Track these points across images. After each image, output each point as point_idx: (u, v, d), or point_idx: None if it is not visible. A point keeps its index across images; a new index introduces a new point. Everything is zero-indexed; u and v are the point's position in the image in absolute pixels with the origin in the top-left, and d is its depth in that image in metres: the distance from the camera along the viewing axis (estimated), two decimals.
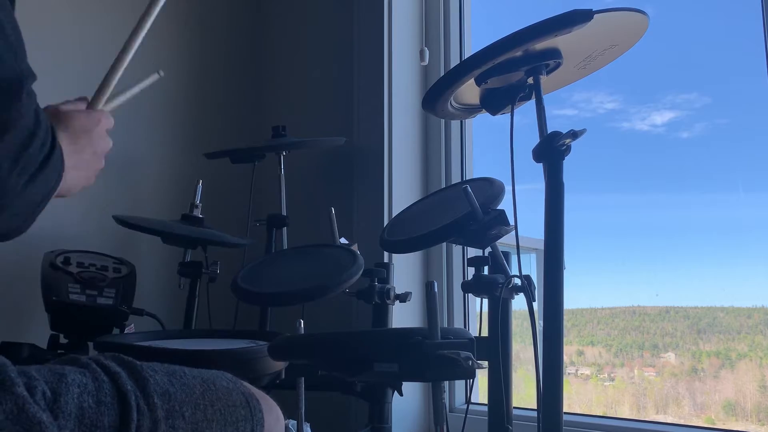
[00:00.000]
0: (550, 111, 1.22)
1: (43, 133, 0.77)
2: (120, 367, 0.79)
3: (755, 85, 1.78)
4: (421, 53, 2.19)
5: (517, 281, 1.28)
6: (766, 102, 1.77)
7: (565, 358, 1.14)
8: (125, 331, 1.79)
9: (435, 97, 1.28)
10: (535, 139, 1.18)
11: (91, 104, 1.01)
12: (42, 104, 0.81)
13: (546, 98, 1.23)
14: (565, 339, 1.12)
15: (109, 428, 0.73)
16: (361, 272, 1.43)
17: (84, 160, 0.91)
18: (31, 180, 0.76)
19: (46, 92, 0.89)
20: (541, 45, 1.17)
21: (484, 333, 1.35)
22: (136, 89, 1.13)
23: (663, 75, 2.01)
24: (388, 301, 1.68)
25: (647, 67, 1.97)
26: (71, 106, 0.96)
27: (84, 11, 2.21)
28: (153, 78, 1.16)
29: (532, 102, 1.24)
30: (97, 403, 0.73)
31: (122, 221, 1.81)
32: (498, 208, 1.27)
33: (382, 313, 1.69)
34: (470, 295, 2.06)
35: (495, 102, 1.31)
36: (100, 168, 0.96)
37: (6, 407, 0.66)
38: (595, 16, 1.08)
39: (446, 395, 1.64)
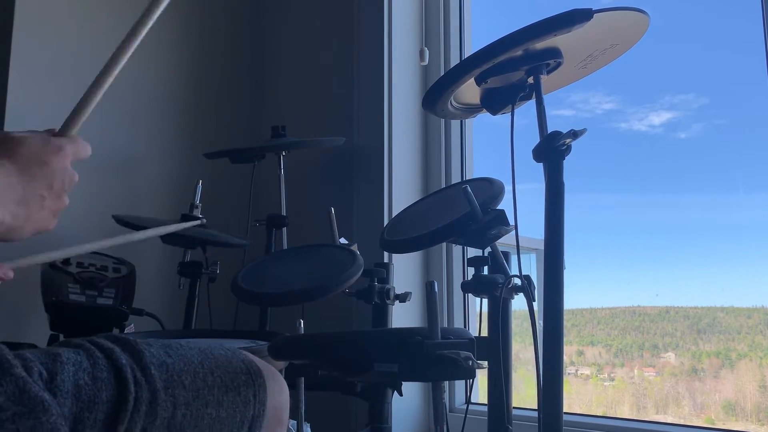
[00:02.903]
0: (547, 111, 1.22)
1: None
2: (113, 344, 0.79)
3: (754, 85, 1.78)
4: (421, 53, 2.19)
5: (517, 281, 1.28)
6: (765, 102, 1.77)
7: (565, 358, 1.14)
8: (125, 331, 1.79)
9: (435, 96, 1.28)
10: (535, 139, 1.18)
11: (61, 131, 0.83)
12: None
13: (544, 98, 1.23)
14: (565, 339, 1.11)
15: (107, 402, 0.73)
16: (360, 272, 1.43)
17: (35, 195, 0.75)
18: None
19: (45, 95, 0.89)
20: (541, 44, 1.16)
21: (484, 333, 1.35)
22: (171, 228, 1.04)
23: (660, 76, 2.01)
24: (387, 301, 1.68)
25: (645, 68, 1.98)
26: (28, 133, 0.78)
27: (84, 13, 2.21)
28: (194, 223, 1.08)
29: (532, 102, 1.24)
30: (93, 379, 0.73)
31: (122, 221, 1.81)
32: (498, 208, 1.27)
33: (381, 313, 1.69)
34: (470, 295, 2.06)
35: (495, 102, 1.31)
36: (59, 208, 0.79)
37: (7, 389, 0.66)
38: (595, 15, 1.08)
39: (446, 395, 1.64)
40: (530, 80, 1.24)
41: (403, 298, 1.70)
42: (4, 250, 0.79)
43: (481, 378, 1.87)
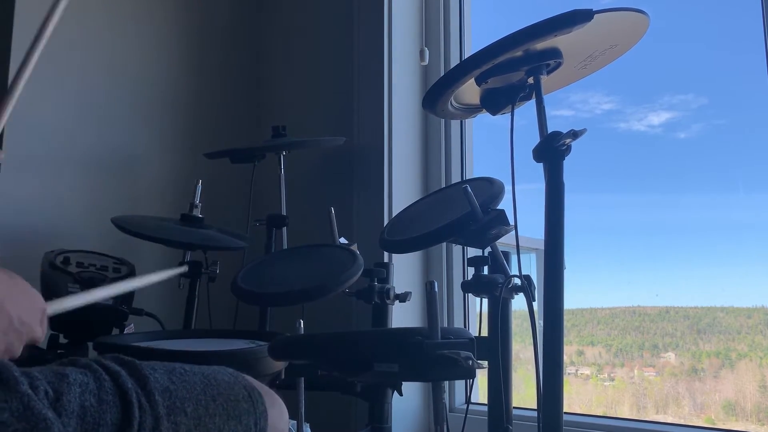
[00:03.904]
0: (547, 111, 1.22)
1: None
2: (120, 367, 0.79)
3: (754, 85, 1.78)
4: (421, 53, 2.19)
5: (517, 281, 1.28)
6: (765, 102, 1.77)
7: (565, 358, 1.14)
8: (125, 331, 1.79)
9: (435, 97, 1.28)
10: (535, 139, 1.18)
11: None
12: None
13: (544, 99, 1.23)
14: (565, 339, 1.12)
15: (112, 426, 0.73)
16: (360, 272, 1.43)
17: None
18: None
19: (45, 96, 0.89)
20: (541, 45, 1.17)
21: (484, 333, 1.35)
22: (156, 277, 1.04)
23: (659, 76, 2.01)
24: (387, 301, 1.68)
25: (644, 68, 1.98)
26: None
27: (84, 13, 2.21)
28: (179, 270, 1.08)
29: (531, 103, 1.24)
30: (98, 401, 0.74)
31: (121, 227, 1.81)
32: (498, 208, 1.27)
33: (381, 313, 1.69)
34: (470, 295, 2.06)
35: (495, 102, 1.31)
36: (26, 336, 0.78)
37: (12, 405, 0.66)
38: (596, 16, 1.08)
39: (446, 395, 1.64)
40: (530, 80, 1.24)
41: (403, 298, 1.70)
42: (6, 244, 0.79)
43: (481, 378, 1.87)
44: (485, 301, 1.35)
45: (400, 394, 1.48)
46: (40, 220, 2.00)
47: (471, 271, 1.34)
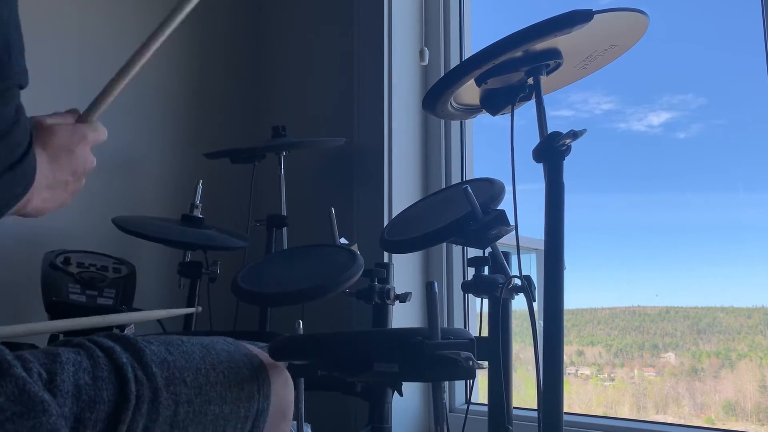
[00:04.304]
0: (546, 112, 1.22)
1: (21, 133, 0.68)
2: (113, 342, 0.79)
3: (753, 85, 1.78)
4: (421, 53, 2.19)
5: (517, 281, 1.28)
6: (764, 102, 1.77)
7: (565, 358, 1.14)
8: (125, 332, 1.79)
9: (435, 97, 1.28)
10: (535, 140, 1.18)
11: (83, 117, 0.88)
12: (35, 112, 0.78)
13: (544, 99, 1.23)
14: (565, 339, 1.12)
15: (109, 402, 0.73)
16: (361, 272, 1.43)
17: (61, 180, 0.81)
18: None
19: (45, 97, 0.90)
20: (541, 45, 1.17)
21: (484, 333, 1.35)
22: (164, 313, 1.06)
23: (659, 76, 2.01)
24: (388, 301, 1.68)
25: (643, 68, 1.98)
26: (58, 119, 0.84)
27: (86, 16, 2.21)
28: (189, 311, 1.10)
29: (531, 103, 1.24)
30: (93, 378, 0.73)
31: (121, 227, 1.81)
32: (498, 208, 1.27)
33: (382, 314, 1.69)
34: (470, 295, 2.05)
35: (495, 102, 1.31)
36: (78, 189, 0.85)
37: (7, 389, 0.66)
38: (595, 16, 1.08)
39: (446, 395, 1.64)
40: (530, 81, 1.24)
41: (403, 298, 1.70)
42: (7, 244, 0.81)
43: (481, 378, 1.87)
44: (485, 301, 1.35)
45: (400, 394, 1.48)
46: (40, 220, 1.99)
47: (471, 271, 1.34)
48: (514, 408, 1.34)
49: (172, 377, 0.78)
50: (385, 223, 1.97)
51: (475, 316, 2.15)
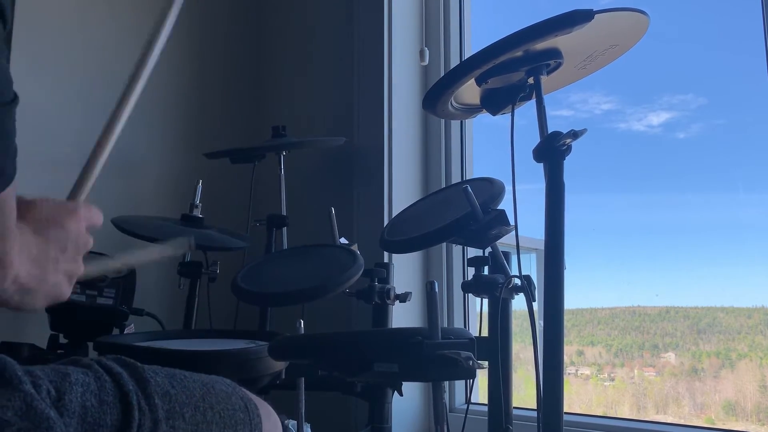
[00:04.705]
0: (546, 112, 1.22)
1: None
2: (122, 368, 0.80)
3: (753, 85, 1.78)
4: (421, 53, 2.19)
5: (517, 281, 1.28)
6: (764, 102, 1.77)
7: (565, 358, 1.14)
8: (125, 331, 1.79)
9: (435, 97, 1.28)
10: (535, 139, 1.18)
11: (70, 197, 0.83)
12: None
13: (544, 98, 1.23)
14: (565, 339, 1.12)
15: (112, 427, 0.73)
16: (361, 272, 1.43)
17: (50, 257, 0.75)
18: None
19: (45, 96, 0.90)
20: (541, 45, 1.17)
21: (484, 333, 1.35)
22: (161, 250, 1.02)
23: (659, 76, 2.01)
24: (388, 301, 1.68)
25: (643, 68, 1.98)
26: (40, 198, 0.78)
27: (84, 13, 2.21)
28: (182, 245, 1.06)
29: (531, 103, 1.24)
30: (99, 402, 0.74)
31: (120, 227, 1.81)
32: (498, 208, 1.27)
33: (382, 313, 1.69)
34: (470, 295, 2.06)
35: (495, 102, 1.31)
36: (75, 272, 0.80)
37: (15, 404, 0.66)
38: (596, 16, 1.08)
39: (446, 395, 1.64)
40: (530, 81, 1.24)
41: (403, 298, 1.70)
42: None
43: (481, 378, 1.87)
44: (485, 301, 1.35)
45: (400, 394, 1.48)
46: None
47: (471, 271, 1.34)
48: (514, 408, 1.35)
49: (173, 411, 0.79)
50: (385, 223, 1.96)
51: (475, 316, 2.15)
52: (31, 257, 0.72)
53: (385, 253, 1.92)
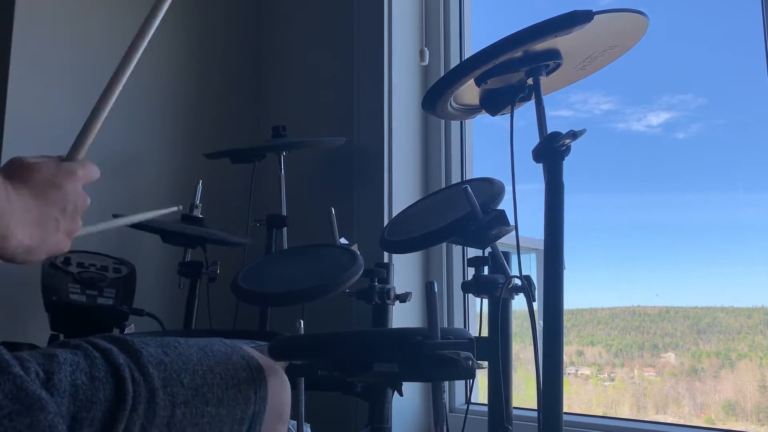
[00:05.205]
0: (546, 112, 1.22)
1: None
2: (111, 343, 0.79)
3: (753, 85, 1.78)
4: (421, 53, 2.19)
5: (517, 281, 1.28)
6: (764, 102, 1.77)
7: (565, 358, 1.14)
8: (125, 332, 1.79)
9: (435, 97, 1.28)
10: (535, 140, 1.19)
11: (69, 155, 0.85)
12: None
13: (543, 99, 1.23)
14: (565, 339, 1.12)
15: (105, 402, 0.73)
16: (361, 272, 1.43)
17: (50, 217, 0.77)
18: None
19: (45, 95, 0.90)
20: (541, 46, 1.17)
21: (484, 333, 1.35)
22: (150, 215, 1.04)
23: (658, 76, 2.01)
24: (388, 301, 1.68)
25: (643, 69, 1.98)
26: (40, 159, 0.81)
27: (84, 13, 2.21)
28: (171, 210, 1.08)
29: (531, 103, 1.24)
30: (90, 379, 0.73)
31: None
32: (498, 208, 1.28)
33: (382, 313, 1.69)
34: (470, 295, 2.05)
35: (495, 102, 1.31)
36: (74, 230, 0.82)
37: (5, 387, 0.66)
38: (595, 17, 1.08)
39: (446, 395, 1.64)
40: (530, 81, 1.24)
41: (403, 298, 1.70)
42: None
43: (481, 378, 1.87)
44: (485, 301, 1.35)
45: (400, 394, 1.48)
46: None
47: (471, 271, 1.34)
48: (514, 408, 1.35)
49: (169, 378, 0.79)
50: (385, 223, 1.97)
51: (475, 316, 2.15)
52: (32, 220, 0.74)
53: (385, 253, 1.92)
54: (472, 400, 1.93)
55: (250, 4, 2.68)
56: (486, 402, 1.34)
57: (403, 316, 2.03)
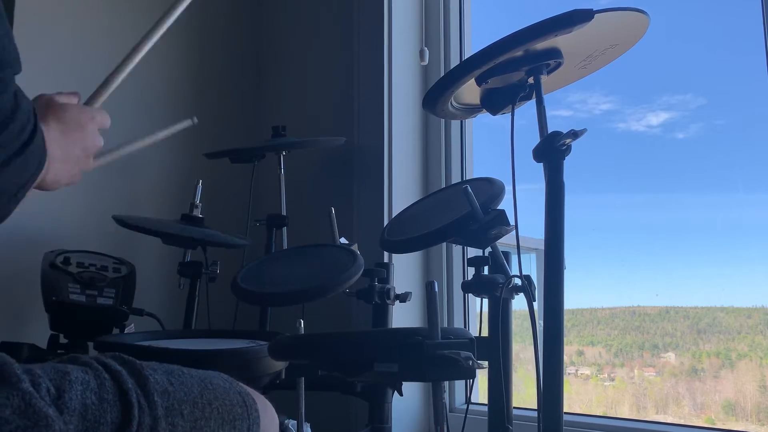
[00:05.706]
0: (546, 112, 1.22)
1: (23, 117, 0.73)
2: (121, 366, 0.80)
3: (753, 85, 1.78)
4: (421, 53, 2.19)
5: (517, 281, 1.28)
6: (764, 102, 1.77)
7: (565, 358, 1.14)
8: (125, 331, 1.79)
9: (435, 97, 1.28)
10: (535, 139, 1.18)
11: (89, 101, 0.98)
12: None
13: (544, 98, 1.23)
14: (565, 339, 1.12)
15: (112, 424, 0.74)
16: (361, 272, 1.43)
17: (73, 155, 0.89)
18: (5, 165, 0.72)
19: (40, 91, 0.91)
20: (541, 45, 1.17)
21: (484, 333, 1.35)
22: (164, 133, 1.15)
23: (658, 76, 2.01)
24: (388, 301, 1.68)
25: (643, 68, 1.98)
26: (65, 99, 0.93)
27: (84, 13, 2.21)
28: (185, 124, 1.19)
29: (531, 103, 1.24)
30: (99, 400, 0.74)
31: (121, 221, 1.81)
32: (498, 208, 1.27)
33: (382, 313, 1.69)
34: (470, 295, 2.06)
35: (495, 102, 1.31)
36: (87, 167, 0.92)
37: (13, 402, 0.67)
38: (596, 16, 1.08)
39: (446, 395, 1.64)
40: (530, 80, 1.24)
41: (403, 298, 1.70)
42: (6, 244, 0.82)
43: (481, 378, 1.87)
44: (485, 301, 1.35)
45: (400, 394, 1.48)
46: (40, 220, 2.00)
47: (471, 271, 1.34)
48: (514, 408, 1.35)
49: (172, 408, 0.80)
50: (385, 223, 1.96)
51: (475, 316, 2.15)
52: (60, 157, 0.85)
53: (385, 253, 1.92)
54: (472, 400, 1.93)
55: (250, 4, 2.68)
56: (486, 402, 1.34)
57: (403, 316, 2.03)
